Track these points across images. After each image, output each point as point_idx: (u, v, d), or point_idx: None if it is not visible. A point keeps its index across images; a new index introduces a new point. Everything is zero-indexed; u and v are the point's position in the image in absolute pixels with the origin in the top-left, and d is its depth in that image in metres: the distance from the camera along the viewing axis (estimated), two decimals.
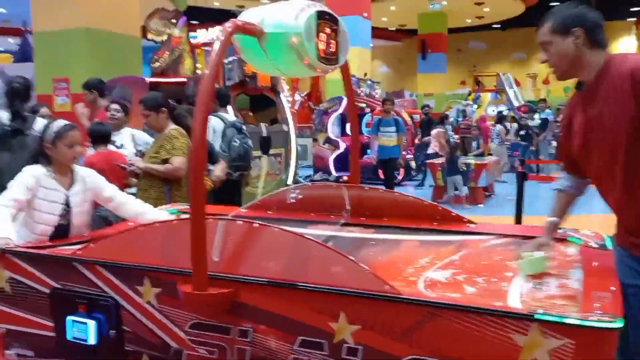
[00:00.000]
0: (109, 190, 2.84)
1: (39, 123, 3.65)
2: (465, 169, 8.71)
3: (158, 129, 3.76)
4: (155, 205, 3.11)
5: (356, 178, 3.09)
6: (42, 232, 2.57)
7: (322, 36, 2.27)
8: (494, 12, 21.96)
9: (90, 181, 2.76)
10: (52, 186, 2.59)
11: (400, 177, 11.42)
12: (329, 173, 11.18)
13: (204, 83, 1.86)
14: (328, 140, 11.46)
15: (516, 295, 1.91)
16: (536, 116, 14.33)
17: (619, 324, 1.46)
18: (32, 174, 2.55)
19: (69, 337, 2.15)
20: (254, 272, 1.88)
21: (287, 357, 1.84)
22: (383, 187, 4.17)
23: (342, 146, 11.18)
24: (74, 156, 2.66)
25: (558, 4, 1.98)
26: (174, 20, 7.15)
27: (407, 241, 2.68)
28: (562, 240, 2.52)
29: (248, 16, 2.16)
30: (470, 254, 2.44)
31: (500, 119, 13.80)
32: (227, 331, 1.92)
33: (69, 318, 2.13)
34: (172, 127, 3.74)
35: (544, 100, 14.09)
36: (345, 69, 2.73)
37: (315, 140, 11.79)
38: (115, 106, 4.38)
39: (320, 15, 2.24)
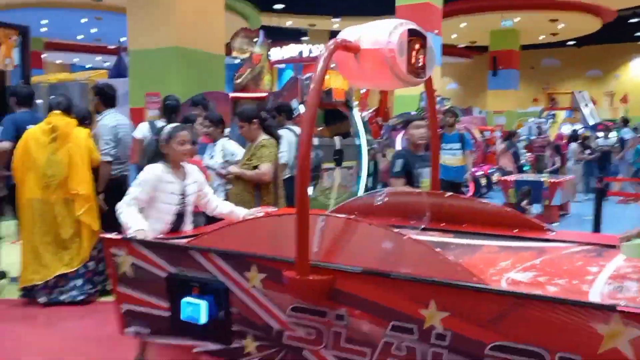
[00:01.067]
0: (207, 187, 3.32)
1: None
2: (533, 212, 8.57)
3: (250, 138, 4.16)
4: (246, 207, 3.43)
5: (436, 186, 3.26)
6: (164, 221, 2.97)
7: (412, 52, 2.48)
8: (568, 28, 21.36)
9: (197, 175, 3.23)
10: (170, 179, 3.05)
11: (470, 193, 11.36)
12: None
13: (310, 97, 2.11)
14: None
15: (597, 295, 2.02)
16: (612, 134, 13.78)
17: None
18: (152, 172, 3.00)
19: (182, 317, 2.45)
20: (350, 262, 2.10)
21: (379, 341, 2.03)
22: None
23: None
24: (184, 153, 3.07)
25: (637, 20, 2.07)
26: (255, 39, 7.59)
27: (486, 246, 2.81)
28: None
29: (346, 34, 2.41)
30: (550, 259, 2.54)
31: (573, 137, 13.41)
32: (325, 315, 2.14)
33: (184, 300, 2.43)
34: (263, 137, 4.13)
35: (625, 119, 13.48)
36: (429, 83, 2.93)
37: (384, 155, 11.94)
38: (205, 122, 4.81)
39: (411, 32, 2.46)
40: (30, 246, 4.43)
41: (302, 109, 6.54)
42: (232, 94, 7.20)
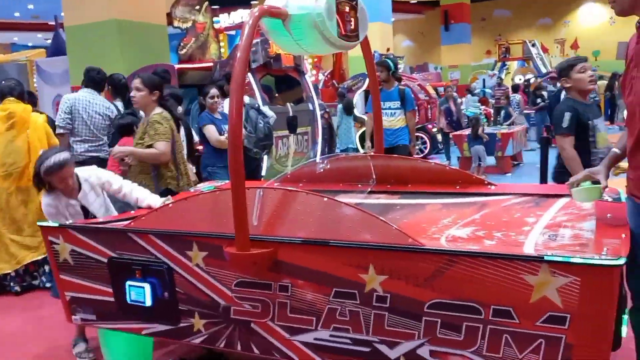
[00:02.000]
0: (116, 182, 3.17)
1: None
2: (487, 138, 8.74)
3: (143, 108, 3.74)
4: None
5: (380, 148, 3.27)
6: None
7: (342, 14, 2.43)
8: None
9: (93, 180, 3.13)
10: (65, 203, 3.03)
11: (426, 150, 11.51)
12: (356, 149, 11.32)
13: (236, 66, 2.05)
14: (354, 118, 11.59)
15: (531, 245, 2.07)
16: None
17: (620, 261, 1.62)
18: (47, 205, 3.02)
19: (128, 300, 2.42)
20: (290, 233, 2.09)
21: (324, 308, 2.05)
22: None
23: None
24: (68, 188, 3.01)
25: None
26: (197, 7, 7.34)
27: (430, 204, 2.85)
28: None
29: (273, 0, 2.34)
30: (490, 212, 2.60)
31: (515, 88, 13.66)
32: (269, 287, 2.14)
33: (127, 283, 2.39)
34: (156, 111, 3.70)
35: None
36: (365, 45, 2.89)
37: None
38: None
39: None
40: None
41: (250, 76, 6.41)
42: (177, 66, 6.99)
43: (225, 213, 2.18)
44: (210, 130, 4.94)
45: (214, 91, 5.03)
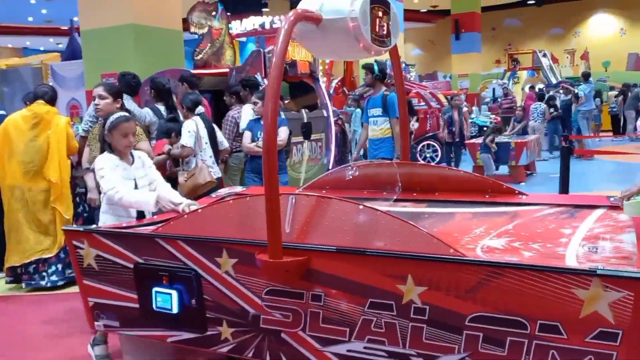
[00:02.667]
0: (154, 170, 3.17)
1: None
2: (496, 148, 8.65)
3: (107, 115, 3.49)
4: None
5: (406, 156, 3.22)
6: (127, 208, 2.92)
7: (375, 20, 2.39)
8: None
9: (144, 159, 3.12)
10: (122, 165, 2.95)
11: (437, 159, 11.43)
12: (366, 156, 11.25)
13: (272, 72, 2.01)
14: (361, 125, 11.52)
15: (572, 257, 2.01)
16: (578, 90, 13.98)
17: None
18: (108, 160, 2.91)
19: (154, 307, 2.37)
20: (324, 242, 2.03)
21: (358, 319, 1.99)
22: None
23: None
24: (126, 145, 2.97)
25: None
26: (214, 13, 7.33)
27: (460, 213, 2.79)
28: (614, 207, 2.60)
29: (307, 4, 2.30)
30: (523, 223, 2.53)
31: (541, 97, 13.55)
32: (301, 296, 2.08)
33: (154, 289, 2.34)
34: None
35: (585, 74, 13.58)
36: (394, 51, 2.85)
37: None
38: None
39: (374, 0, 2.36)
40: (12, 230, 4.54)
41: (266, 83, 6.39)
42: (193, 71, 6.97)
43: (256, 219, 2.13)
44: (245, 136, 5.01)
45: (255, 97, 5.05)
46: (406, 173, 3.08)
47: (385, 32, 2.47)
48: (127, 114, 3.14)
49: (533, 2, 25.44)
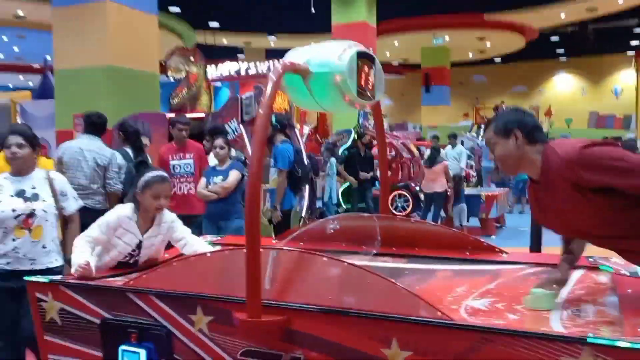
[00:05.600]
0: (179, 232, 2.87)
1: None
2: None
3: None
4: None
5: (385, 209, 3.19)
6: (107, 264, 2.69)
7: (362, 74, 2.40)
8: (495, 46, 22.39)
9: (165, 226, 2.80)
10: (131, 229, 2.68)
11: (408, 209, 11.49)
12: (339, 205, 11.25)
13: (258, 122, 1.97)
14: (337, 173, 11.57)
15: (557, 321, 1.98)
16: None
17: None
18: (117, 214, 2.68)
19: None
20: (306, 300, 1.95)
21: None
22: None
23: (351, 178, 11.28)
24: (157, 207, 2.72)
25: (557, 38, 2.14)
26: (192, 58, 7.37)
27: (441, 271, 2.75)
28: (594, 268, 2.59)
29: (294, 56, 2.29)
30: (505, 282, 2.50)
31: None
32: (279, 358, 1.97)
33: (121, 348, 2.19)
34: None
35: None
36: (377, 106, 2.86)
37: (324, 172, 11.90)
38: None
39: (360, 54, 2.38)
40: None
41: (242, 129, 6.37)
42: (168, 115, 6.92)
43: (235, 274, 2.04)
44: (200, 182, 4.80)
45: (218, 142, 4.80)
46: (386, 226, 3.04)
47: (370, 87, 2.48)
48: (163, 173, 2.84)
49: (499, 60, 26.50)
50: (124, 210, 2.72)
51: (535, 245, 5.05)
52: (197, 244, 2.85)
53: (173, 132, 5.11)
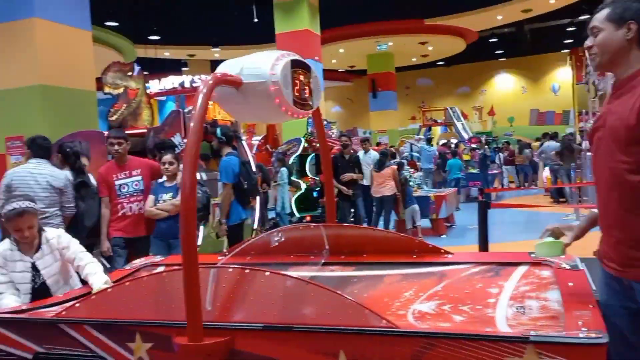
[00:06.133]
0: (72, 250, 2.86)
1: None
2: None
3: None
4: None
5: (332, 217, 3.15)
6: (24, 300, 2.59)
7: (297, 83, 2.36)
8: (437, 50, 22.91)
9: (55, 242, 2.82)
10: (17, 258, 2.69)
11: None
12: (292, 214, 11.19)
13: (190, 136, 1.90)
14: (289, 182, 11.52)
15: (503, 320, 1.99)
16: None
17: (606, 339, 1.55)
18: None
19: None
20: (249, 319, 1.89)
21: None
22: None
23: (303, 187, 11.26)
24: (22, 238, 2.72)
25: (496, 40, 2.08)
26: (130, 73, 7.16)
27: (388, 276, 2.73)
28: (537, 264, 2.64)
29: (227, 67, 2.23)
30: (451, 283, 2.51)
31: (453, 153, 14.28)
32: None
33: None
34: None
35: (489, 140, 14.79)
36: (316, 112, 2.83)
37: (275, 182, 11.83)
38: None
39: (294, 63, 2.34)
40: None
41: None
42: (107, 132, 6.68)
43: (173, 297, 1.95)
44: (148, 199, 4.63)
45: (167, 157, 4.62)
46: (333, 235, 3.01)
47: (307, 95, 2.44)
48: (22, 208, 2.73)
49: (442, 63, 27.16)
50: (2, 246, 2.72)
51: (482, 243, 5.16)
52: (92, 266, 2.79)
53: (108, 148, 4.92)
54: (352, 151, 8.51)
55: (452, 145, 17.00)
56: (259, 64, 2.23)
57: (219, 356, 1.86)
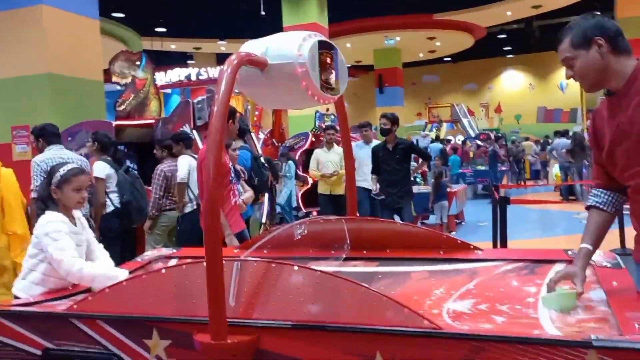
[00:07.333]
0: (92, 238, 2.79)
1: None
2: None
3: None
4: None
5: (353, 210, 3.01)
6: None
7: (324, 65, 2.21)
8: (444, 46, 22.70)
9: (83, 220, 2.73)
10: (74, 229, 2.55)
11: None
12: (298, 209, 11.05)
13: (214, 122, 1.75)
14: (296, 177, 11.37)
15: (547, 321, 1.84)
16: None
17: None
18: (59, 221, 2.48)
19: None
20: (276, 316, 1.75)
21: None
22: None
23: (310, 181, 11.11)
24: (79, 201, 2.59)
25: (505, 36, 1.99)
26: (138, 62, 7.02)
27: (415, 272, 2.59)
28: (572, 261, 2.49)
29: (250, 47, 2.09)
30: (484, 281, 2.36)
31: (454, 149, 14.17)
32: None
33: None
34: None
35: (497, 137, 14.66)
36: (340, 101, 2.68)
37: (283, 176, 11.69)
38: None
39: (321, 45, 2.19)
40: None
41: (195, 134, 6.08)
42: (115, 122, 6.55)
43: (194, 291, 1.82)
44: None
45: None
46: (354, 229, 2.86)
47: (333, 79, 2.29)
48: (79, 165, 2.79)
49: (449, 59, 26.94)
50: (55, 216, 2.53)
51: (502, 240, 5.01)
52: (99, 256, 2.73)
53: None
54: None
55: (450, 142, 16.90)
56: (286, 44, 2.09)
57: (245, 356, 1.72)
